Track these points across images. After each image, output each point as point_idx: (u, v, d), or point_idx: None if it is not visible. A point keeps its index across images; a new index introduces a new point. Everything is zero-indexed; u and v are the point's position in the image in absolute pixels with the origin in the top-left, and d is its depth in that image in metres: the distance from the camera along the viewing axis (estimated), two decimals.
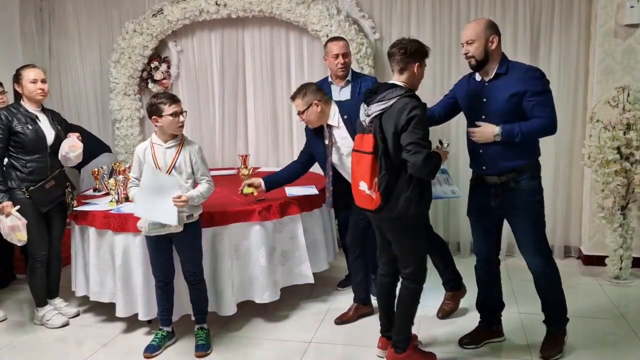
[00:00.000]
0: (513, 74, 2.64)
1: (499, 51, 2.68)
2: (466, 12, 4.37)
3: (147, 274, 3.11)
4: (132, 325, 3.32)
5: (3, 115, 3.17)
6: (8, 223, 3.09)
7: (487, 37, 2.63)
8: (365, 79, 3.70)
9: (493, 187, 2.75)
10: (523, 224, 2.74)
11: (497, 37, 2.65)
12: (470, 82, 2.83)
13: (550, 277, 2.81)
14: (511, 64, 2.70)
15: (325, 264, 3.68)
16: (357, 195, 2.64)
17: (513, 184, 2.71)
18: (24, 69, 3.27)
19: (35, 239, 3.24)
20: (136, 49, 4.76)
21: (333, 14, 4.36)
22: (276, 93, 4.85)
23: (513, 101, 2.61)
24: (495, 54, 2.66)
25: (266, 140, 4.93)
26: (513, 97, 2.61)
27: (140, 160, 2.93)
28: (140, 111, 4.94)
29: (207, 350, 3.01)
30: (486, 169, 2.76)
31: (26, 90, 3.23)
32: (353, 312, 3.38)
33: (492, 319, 3.04)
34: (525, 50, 4.25)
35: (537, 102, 2.59)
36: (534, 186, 2.72)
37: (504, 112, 2.64)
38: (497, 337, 3.04)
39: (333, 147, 3.17)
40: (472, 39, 2.65)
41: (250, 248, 3.22)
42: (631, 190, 3.75)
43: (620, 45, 3.94)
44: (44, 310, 3.40)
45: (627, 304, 3.49)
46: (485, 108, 2.70)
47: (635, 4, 3.82)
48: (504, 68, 2.67)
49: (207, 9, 4.59)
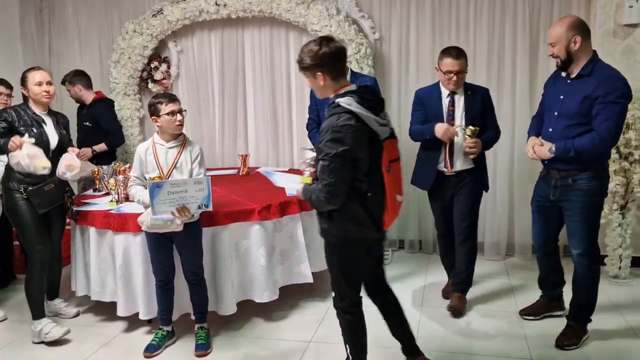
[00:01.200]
0: (595, 77, 2.68)
1: (584, 50, 2.70)
2: (465, 11, 4.37)
3: (147, 274, 3.12)
4: (132, 324, 3.33)
5: (9, 114, 3.16)
6: (25, 152, 3.02)
7: (569, 38, 2.67)
8: (365, 79, 3.63)
9: (554, 181, 2.87)
10: (574, 220, 2.85)
11: (580, 37, 2.66)
12: (556, 77, 2.92)
13: (590, 276, 2.91)
14: (598, 66, 2.71)
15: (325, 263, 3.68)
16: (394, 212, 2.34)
17: (570, 181, 2.80)
18: (30, 72, 3.24)
19: (32, 239, 3.18)
20: (136, 49, 4.76)
21: (333, 14, 4.37)
22: (276, 93, 4.86)
23: (585, 104, 2.67)
24: (580, 54, 2.70)
25: (266, 139, 4.93)
26: (585, 100, 2.66)
27: (141, 159, 2.95)
28: (140, 111, 4.95)
29: (207, 349, 3.02)
30: (548, 163, 2.89)
31: (31, 93, 3.20)
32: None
33: (552, 295, 3.24)
34: (524, 50, 4.26)
35: (601, 112, 2.63)
36: (592, 187, 2.77)
37: (574, 114, 2.72)
38: (557, 311, 3.24)
39: None
40: (554, 40, 2.72)
41: (250, 247, 3.23)
42: (630, 190, 3.76)
43: (619, 45, 3.94)
44: (40, 325, 3.19)
45: (626, 303, 3.49)
46: (560, 106, 2.80)
47: (634, 4, 3.82)
48: (588, 69, 2.70)
49: (207, 9, 4.59)
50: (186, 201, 2.77)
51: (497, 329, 3.22)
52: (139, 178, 2.98)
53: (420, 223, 4.66)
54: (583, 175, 2.77)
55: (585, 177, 2.77)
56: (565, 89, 2.80)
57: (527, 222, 4.29)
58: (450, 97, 3.32)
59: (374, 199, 2.24)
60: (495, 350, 2.96)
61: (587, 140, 2.67)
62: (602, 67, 2.73)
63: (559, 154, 2.74)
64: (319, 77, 2.21)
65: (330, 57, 2.18)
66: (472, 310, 3.47)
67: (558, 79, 2.89)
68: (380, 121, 2.21)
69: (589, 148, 2.68)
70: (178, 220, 2.81)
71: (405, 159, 2.51)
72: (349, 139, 2.10)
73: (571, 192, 2.81)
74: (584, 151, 2.69)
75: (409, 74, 4.54)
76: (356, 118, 2.12)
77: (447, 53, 3.23)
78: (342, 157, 2.11)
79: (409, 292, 3.79)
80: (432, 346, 3.00)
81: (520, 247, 4.45)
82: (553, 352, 2.92)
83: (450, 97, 3.32)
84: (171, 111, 2.86)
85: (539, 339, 3.04)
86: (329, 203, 2.19)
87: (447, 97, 3.32)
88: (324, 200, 2.17)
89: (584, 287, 2.92)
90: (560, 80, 2.87)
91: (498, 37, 4.27)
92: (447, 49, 3.30)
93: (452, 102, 3.31)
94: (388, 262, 4.37)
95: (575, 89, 2.74)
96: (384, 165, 2.23)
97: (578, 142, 2.69)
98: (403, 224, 4.70)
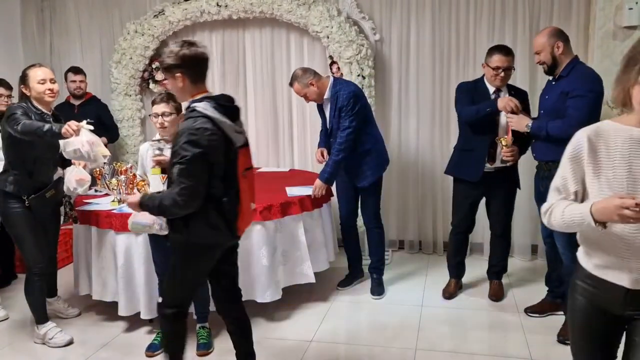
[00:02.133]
0: (571, 76, 2.98)
1: (566, 54, 3.02)
2: (465, 13, 4.39)
3: (148, 274, 3.13)
4: (134, 324, 3.34)
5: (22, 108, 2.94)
6: (84, 138, 2.79)
7: (552, 44, 3.00)
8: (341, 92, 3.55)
9: (541, 172, 3.13)
10: None
11: (562, 42, 2.99)
12: (548, 82, 3.21)
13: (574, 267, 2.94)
14: (576, 67, 3.01)
15: (326, 263, 3.71)
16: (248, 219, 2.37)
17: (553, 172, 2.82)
18: (31, 69, 3.01)
19: (32, 251, 3.06)
20: (137, 49, 4.77)
21: (333, 15, 4.38)
22: (277, 94, 4.87)
23: (560, 100, 2.95)
24: (563, 57, 3.02)
25: (266, 140, 4.95)
26: (561, 96, 2.96)
27: (142, 158, 2.98)
28: (141, 111, 4.96)
29: (208, 349, 3.04)
30: (535, 156, 3.18)
31: (34, 92, 2.97)
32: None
33: (556, 293, 3.33)
34: (524, 52, 4.27)
35: (572, 103, 2.90)
36: None
37: (553, 109, 3.01)
38: (560, 311, 3.27)
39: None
40: (538, 49, 3.05)
41: (252, 248, 3.24)
42: None
43: (618, 47, 3.96)
44: (45, 328, 3.15)
45: None
46: (544, 104, 3.13)
47: (633, 6, 3.84)
48: (567, 71, 3.01)
49: (208, 10, 4.60)
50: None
51: (497, 328, 3.24)
52: (142, 176, 3.01)
53: (420, 223, 4.68)
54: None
55: None
56: (549, 89, 3.14)
57: (527, 223, 4.34)
58: (496, 94, 3.40)
59: (229, 204, 2.23)
60: (495, 350, 2.97)
61: (558, 123, 2.93)
62: (579, 68, 3.02)
63: (533, 130, 3.03)
64: (177, 77, 2.20)
65: (190, 60, 2.19)
66: (472, 309, 3.49)
67: (547, 84, 3.20)
68: (237, 128, 2.23)
69: (558, 131, 2.87)
70: (156, 226, 2.80)
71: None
72: (205, 141, 2.09)
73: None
74: (554, 133, 2.91)
75: (409, 75, 4.55)
76: (212, 123, 2.13)
77: (497, 49, 3.37)
78: (199, 160, 2.09)
79: (408, 293, 3.80)
80: (433, 346, 3.01)
81: (520, 247, 4.46)
82: (552, 351, 2.94)
83: (496, 94, 3.40)
84: (155, 113, 2.88)
85: (539, 338, 3.06)
86: (186, 206, 2.12)
87: (493, 94, 3.40)
88: (182, 204, 2.11)
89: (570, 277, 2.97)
90: (548, 84, 3.19)
91: (498, 39, 4.28)
92: (497, 46, 3.43)
93: (497, 98, 3.36)
94: (388, 263, 4.39)
95: (555, 88, 3.06)
96: (240, 172, 2.25)
97: (551, 124, 2.97)
98: (403, 225, 4.72)
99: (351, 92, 3.48)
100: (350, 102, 3.46)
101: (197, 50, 2.21)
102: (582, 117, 2.77)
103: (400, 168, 4.63)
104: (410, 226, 4.70)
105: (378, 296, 3.72)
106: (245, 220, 2.34)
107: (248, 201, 2.33)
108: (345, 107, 3.46)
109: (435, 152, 4.51)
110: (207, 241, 2.25)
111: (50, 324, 3.20)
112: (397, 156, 4.60)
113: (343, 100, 3.48)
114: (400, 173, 4.64)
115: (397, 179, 4.64)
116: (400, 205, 4.69)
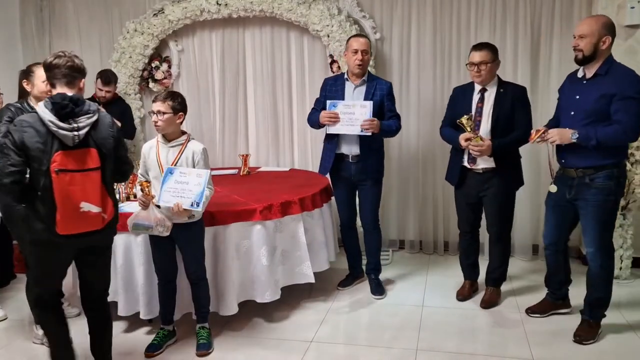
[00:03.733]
0: (611, 76, 2.76)
1: (607, 52, 2.80)
2: (467, 12, 4.37)
3: (148, 274, 3.11)
4: (133, 324, 3.32)
5: (10, 112, 3.04)
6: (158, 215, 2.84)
7: (601, 35, 2.75)
8: (380, 82, 3.61)
9: (570, 180, 2.94)
10: (588, 219, 2.90)
11: (611, 39, 2.76)
12: (572, 79, 3.01)
13: (604, 273, 2.97)
14: (614, 67, 2.81)
15: (326, 263, 3.69)
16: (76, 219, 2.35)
17: (587, 180, 2.85)
18: (38, 67, 3.05)
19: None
20: (137, 48, 4.76)
21: (334, 14, 4.37)
22: (277, 93, 4.85)
23: (601, 102, 2.75)
24: (603, 54, 2.79)
25: (266, 139, 4.93)
26: (602, 98, 2.75)
27: (145, 157, 2.98)
28: (141, 110, 4.94)
29: (208, 349, 3.02)
30: (565, 162, 2.95)
31: (36, 89, 3.07)
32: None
33: (558, 294, 3.30)
34: (526, 51, 4.26)
35: (622, 106, 2.71)
36: (609, 186, 2.84)
37: (591, 112, 2.79)
38: (562, 309, 3.31)
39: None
40: (585, 33, 2.77)
41: (252, 247, 3.23)
42: (631, 191, 3.76)
43: (620, 46, 3.94)
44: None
45: (626, 304, 3.49)
46: (576, 104, 2.87)
47: (635, 5, 3.83)
48: (604, 69, 2.79)
49: (208, 9, 4.59)
50: (184, 194, 2.79)
51: (498, 328, 3.23)
52: (143, 175, 3.02)
53: (420, 224, 4.67)
54: (600, 174, 2.83)
55: (602, 175, 2.83)
56: (581, 89, 2.88)
57: (528, 223, 4.33)
58: (481, 93, 3.33)
59: (44, 200, 2.32)
60: (496, 350, 2.96)
61: (610, 130, 2.73)
62: (618, 67, 2.82)
63: (581, 140, 2.77)
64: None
65: (46, 67, 2.41)
66: (473, 309, 3.47)
67: (574, 81, 2.97)
68: (67, 127, 2.30)
69: (612, 139, 2.74)
70: (159, 228, 2.81)
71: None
72: (19, 133, 2.27)
73: (587, 190, 2.87)
74: (606, 141, 2.74)
75: (410, 74, 4.54)
76: (40, 119, 2.30)
77: (473, 46, 3.35)
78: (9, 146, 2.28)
79: (409, 293, 3.79)
80: (433, 346, 3.00)
81: (520, 247, 4.45)
82: (555, 351, 2.92)
83: (481, 93, 3.33)
84: (151, 110, 2.89)
85: (540, 338, 3.05)
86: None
87: (478, 94, 3.34)
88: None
89: (598, 283, 2.98)
90: (576, 82, 2.95)
91: (499, 38, 4.27)
92: (476, 44, 3.40)
93: (481, 98, 3.32)
94: (388, 262, 4.37)
95: (591, 88, 2.82)
96: (53, 170, 2.29)
97: (601, 131, 2.74)
98: (403, 225, 4.71)
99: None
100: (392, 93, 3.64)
101: (49, 60, 2.40)
102: (637, 122, 2.71)
103: (401, 167, 4.62)
104: (410, 226, 4.68)
105: (379, 296, 3.70)
106: (69, 219, 2.33)
107: (76, 200, 2.33)
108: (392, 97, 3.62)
109: (436, 151, 4.49)
110: (32, 235, 2.40)
111: None
112: (398, 155, 4.59)
113: (389, 89, 3.60)
114: (400, 172, 4.62)
115: (398, 178, 4.63)
116: (401, 204, 4.68)
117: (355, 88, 3.59)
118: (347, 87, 3.61)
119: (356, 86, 3.59)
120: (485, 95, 3.31)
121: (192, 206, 2.79)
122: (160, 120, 2.85)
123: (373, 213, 3.73)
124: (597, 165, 2.82)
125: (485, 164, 3.29)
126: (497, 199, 3.35)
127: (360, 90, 3.58)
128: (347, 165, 3.62)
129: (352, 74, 3.59)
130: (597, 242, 2.91)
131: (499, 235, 3.45)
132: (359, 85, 3.58)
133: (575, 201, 2.95)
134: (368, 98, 3.51)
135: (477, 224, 3.56)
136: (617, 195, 2.89)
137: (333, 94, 3.62)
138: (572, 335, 3.02)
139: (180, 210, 2.78)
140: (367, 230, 3.79)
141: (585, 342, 2.97)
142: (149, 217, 2.83)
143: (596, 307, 3.02)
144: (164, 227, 2.84)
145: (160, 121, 2.85)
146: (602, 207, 2.86)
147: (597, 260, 2.93)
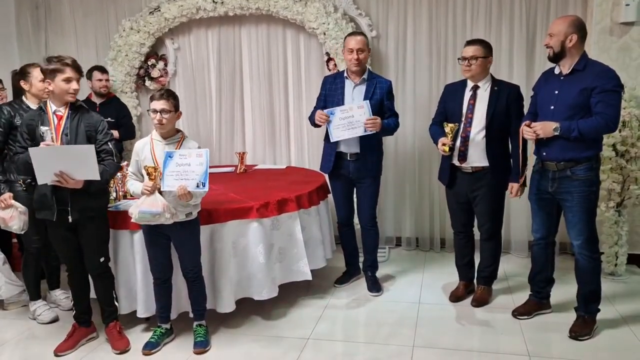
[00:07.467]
0: (589, 71, 2.86)
1: (577, 48, 2.89)
2: (462, 10, 4.38)
3: (145, 271, 3.11)
4: (130, 322, 3.32)
5: (6, 110, 3.20)
6: (4, 214, 3.07)
7: (567, 34, 2.86)
8: (380, 80, 3.61)
9: (551, 173, 2.98)
10: (574, 211, 2.94)
11: (577, 37, 2.86)
12: (547, 76, 3.07)
13: (592, 265, 3.00)
14: (590, 62, 2.91)
15: (323, 260, 3.70)
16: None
17: (569, 172, 2.90)
18: (34, 67, 3.23)
19: (28, 231, 3.20)
20: (133, 46, 4.76)
21: (330, 11, 4.37)
22: (273, 90, 4.86)
23: (582, 95, 2.82)
24: (573, 51, 2.89)
25: (263, 137, 4.94)
26: (583, 92, 2.83)
27: (138, 155, 2.96)
28: (137, 109, 4.94)
29: (205, 347, 3.02)
30: (546, 155, 2.98)
31: (34, 89, 3.23)
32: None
33: (543, 293, 3.31)
34: (521, 47, 4.28)
35: (602, 99, 2.79)
36: (590, 177, 2.91)
37: (572, 105, 2.86)
38: (546, 309, 3.32)
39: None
40: (553, 32, 2.92)
41: (249, 245, 3.23)
42: (626, 188, 3.78)
43: (615, 43, 3.96)
44: (35, 305, 3.41)
45: (622, 300, 3.51)
46: (556, 99, 2.93)
47: (630, 2, 3.84)
48: (581, 65, 2.89)
49: (204, 7, 4.58)
50: (188, 176, 2.77)
51: (495, 325, 3.24)
52: (135, 174, 3.00)
53: (416, 221, 4.68)
54: (581, 167, 2.89)
55: (582, 168, 2.89)
56: (560, 84, 2.94)
57: (524, 220, 4.34)
58: (473, 90, 3.32)
59: None
60: (492, 347, 2.97)
61: (591, 122, 2.80)
62: (595, 63, 2.92)
63: (563, 132, 2.84)
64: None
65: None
66: (470, 306, 3.49)
67: (550, 78, 3.03)
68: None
69: (593, 130, 2.81)
70: (167, 214, 2.79)
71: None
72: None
73: (570, 183, 2.92)
74: (587, 133, 2.81)
75: (406, 71, 4.55)
76: None
77: (466, 42, 3.37)
78: None
79: (406, 290, 3.80)
80: (430, 342, 3.01)
81: (517, 244, 4.47)
82: (551, 347, 2.94)
83: (473, 90, 3.32)
84: (153, 109, 2.88)
85: (536, 335, 3.07)
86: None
87: (470, 91, 3.33)
88: None
89: (588, 277, 3.01)
90: (553, 78, 3.01)
91: (495, 35, 4.29)
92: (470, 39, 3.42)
93: (473, 95, 3.31)
94: (385, 260, 4.39)
95: (571, 83, 2.89)
96: None
97: (582, 123, 2.81)
98: (400, 222, 4.72)
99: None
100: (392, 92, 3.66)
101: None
102: (616, 113, 2.80)
103: (397, 164, 4.63)
104: (407, 223, 4.69)
105: (376, 293, 3.72)
106: None
107: None
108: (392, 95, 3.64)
109: (432, 148, 4.47)
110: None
111: (40, 301, 3.44)
112: (394, 152, 4.60)
113: (389, 88, 3.60)
114: (397, 169, 4.63)
115: (394, 175, 4.64)
116: (397, 201, 4.69)
117: (355, 87, 3.59)
118: (347, 85, 3.61)
119: (356, 85, 3.59)
120: (477, 92, 3.31)
121: (198, 187, 2.78)
122: (165, 119, 2.86)
123: (371, 211, 3.74)
124: (578, 157, 2.88)
125: (477, 162, 3.30)
126: (487, 198, 3.35)
127: (360, 89, 3.58)
128: (346, 163, 3.63)
129: (350, 72, 3.60)
130: (586, 232, 2.95)
131: (490, 234, 3.45)
132: (359, 84, 3.58)
133: (558, 195, 2.98)
134: (368, 97, 3.51)
135: (469, 223, 3.55)
136: (598, 185, 2.98)
137: (333, 93, 3.63)
138: (567, 331, 3.04)
139: (186, 193, 2.76)
140: (364, 228, 3.80)
141: (581, 338, 2.99)
142: (155, 203, 2.78)
143: (590, 302, 3.04)
144: (170, 213, 2.82)
145: (164, 119, 2.86)
146: (587, 197, 2.92)
147: (587, 250, 2.96)
